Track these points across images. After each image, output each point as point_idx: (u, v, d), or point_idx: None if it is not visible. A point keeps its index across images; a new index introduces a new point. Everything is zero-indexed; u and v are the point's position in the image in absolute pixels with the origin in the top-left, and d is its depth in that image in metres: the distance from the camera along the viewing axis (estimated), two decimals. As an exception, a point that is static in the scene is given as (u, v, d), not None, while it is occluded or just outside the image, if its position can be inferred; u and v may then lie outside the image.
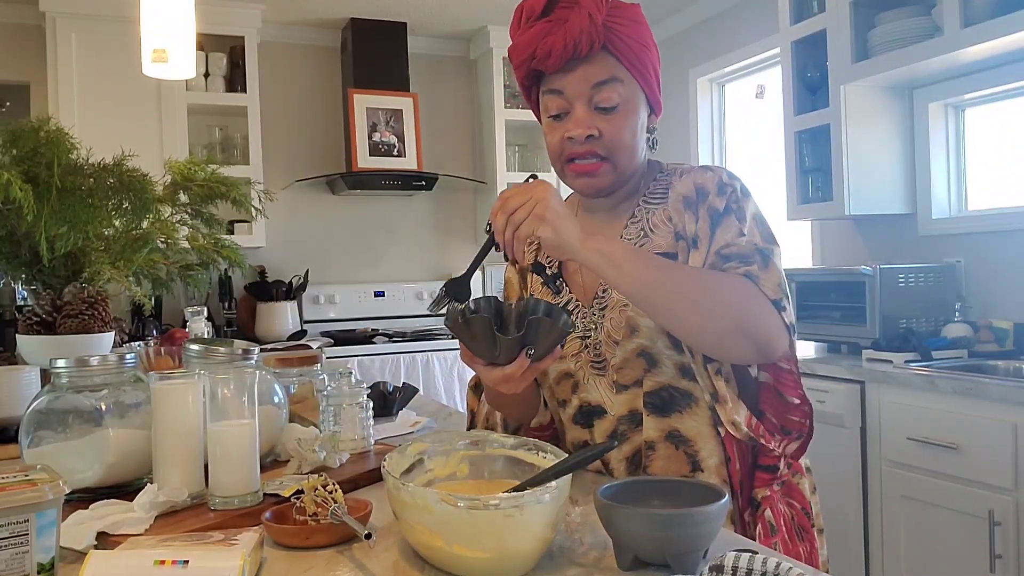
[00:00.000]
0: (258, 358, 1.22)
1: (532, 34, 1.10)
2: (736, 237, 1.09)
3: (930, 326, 2.73)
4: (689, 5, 4.08)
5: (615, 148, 1.12)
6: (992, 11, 2.39)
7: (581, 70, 1.10)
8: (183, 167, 1.86)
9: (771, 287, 1.05)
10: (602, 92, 1.10)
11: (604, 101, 1.10)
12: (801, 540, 1.15)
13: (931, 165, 2.98)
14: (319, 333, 4.10)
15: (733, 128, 4.12)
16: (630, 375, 1.13)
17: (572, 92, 1.11)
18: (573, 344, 1.18)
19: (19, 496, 0.74)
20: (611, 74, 1.10)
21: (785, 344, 1.05)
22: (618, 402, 1.15)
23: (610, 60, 1.10)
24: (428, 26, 4.31)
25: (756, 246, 1.08)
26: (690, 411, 1.11)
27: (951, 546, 2.23)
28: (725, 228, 1.10)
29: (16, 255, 1.64)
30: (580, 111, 1.11)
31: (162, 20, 1.97)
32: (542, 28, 1.09)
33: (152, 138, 3.64)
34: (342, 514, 0.88)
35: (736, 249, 1.08)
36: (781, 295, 1.05)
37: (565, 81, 1.11)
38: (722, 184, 1.13)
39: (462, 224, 4.62)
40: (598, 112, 1.11)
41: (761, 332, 1.02)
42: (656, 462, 1.12)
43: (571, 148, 1.12)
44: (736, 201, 1.12)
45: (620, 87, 1.11)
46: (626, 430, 1.14)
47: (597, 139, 1.11)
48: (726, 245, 1.09)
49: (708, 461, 1.11)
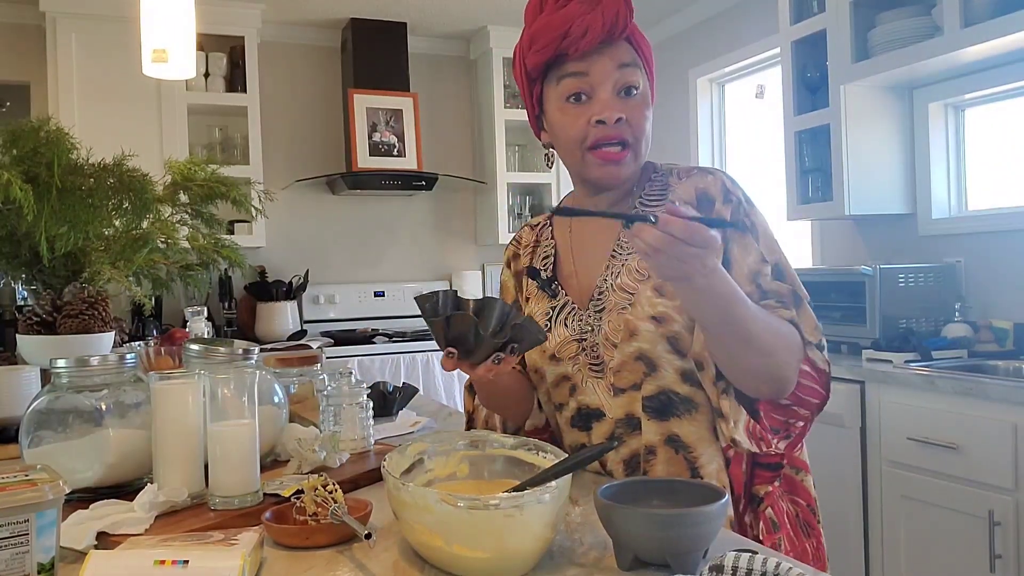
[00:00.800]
0: (258, 358, 1.22)
1: (566, 13, 1.09)
2: (758, 262, 1.10)
3: (930, 326, 2.73)
4: (689, 5, 4.08)
5: (639, 134, 1.11)
6: (992, 11, 2.39)
7: (608, 52, 1.10)
8: (183, 167, 1.86)
9: (810, 330, 1.07)
10: (627, 73, 1.10)
11: (630, 82, 1.10)
12: (807, 536, 1.15)
13: (931, 165, 2.98)
14: (319, 333, 4.10)
15: (733, 128, 4.12)
16: (628, 378, 1.12)
17: (598, 74, 1.10)
18: (570, 347, 1.17)
19: (19, 496, 0.74)
20: (633, 58, 1.12)
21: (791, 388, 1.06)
22: (616, 405, 1.13)
23: (631, 49, 1.12)
24: (428, 26, 4.31)
25: (793, 289, 1.09)
26: (690, 417, 1.10)
27: (951, 546, 2.23)
28: (745, 249, 1.10)
29: (16, 255, 1.64)
30: (605, 94, 1.09)
31: (162, 20, 1.97)
32: (577, 8, 1.09)
33: (152, 138, 3.64)
34: (342, 514, 0.88)
35: (774, 287, 1.09)
36: (820, 336, 1.08)
37: (590, 62, 1.09)
38: (726, 191, 1.13)
39: (462, 224, 4.62)
40: (620, 98, 1.10)
41: (787, 379, 1.05)
42: (656, 467, 1.11)
43: (599, 132, 1.10)
44: (746, 215, 1.12)
45: (640, 73, 1.12)
46: (623, 433, 1.13)
47: (624, 124, 1.10)
48: (758, 274, 1.09)
49: (708, 467, 1.10)
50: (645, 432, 1.11)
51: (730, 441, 1.08)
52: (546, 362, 1.20)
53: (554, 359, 1.19)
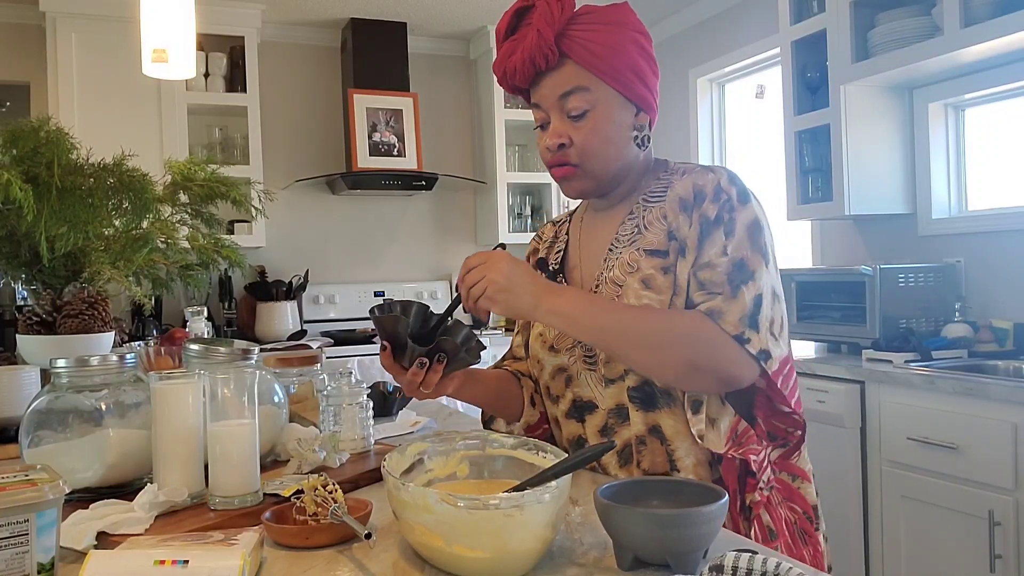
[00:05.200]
0: (258, 358, 1.22)
1: (501, 54, 1.18)
2: (719, 255, 1.09)
3: (930, 326, 2.73)
4: (689, 5, 4.08)
5: (585, 155, 1.15)
6: (992, 11, 2.39)
7: (549, 82, 1.15)
8: (183, 167, 1.86)
9: (732, 322, 1.06)
10: (569, 101, 1.14)
11: (572, 110, 1.14)
12: (805, 544, 1.16)
13: (931, 165, 2.98)
14: (319, 333, 4.10)
15: (733, 128, 4.12)
16: (616, 368, 1.15)
17: (546, 104, 1.17)
18: (567, 338, 1.20)
19: (19, 496, 0.74)
20: (576, 83, 1.13)
21: (753, 373, 1.08)
22: (607, 395, 1.16)
23: (576, 69, 1.13)
24: (428, 26, 4.31)
25: (727, 275, 1.08)
26: (669, 410, 1.12)
27: (951, 546, 2.23)
28: (711, 242, 1.11)
29: (16, 255, 1.64)
30: (555, 121, 1.17)
31: (162, 20, 1.97)
32: (508, 47, 1.17)
33: (152, 138, 3.64)
34: (342, 514, 0.88)
35: (709, 275, 1.09)
36: (743, 328, 1.06)
37: (539, 94, 1.17)
38: (719, 189, 1.13)
39: (462, 224, 4.62)
40: (570, 120, 1.15)
41: (718, 366, 1.06)
42: (646, 457, 1.13)
43: (548, 157, 1.19)
44: (730, 210, 1.11)
45: (587, 94, 1.13)
46: (614, 424, 1.16)
47: (568, 147, 1.16)
48: (705, 266, 1.10)
49: (684, 461, 1.12)
50: (633, 422, 1.13)
51: (698, 436, 1.10)
52: (546, 352, 1.24)
53: (552, 350, 1.23)
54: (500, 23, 1.19)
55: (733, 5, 3.87)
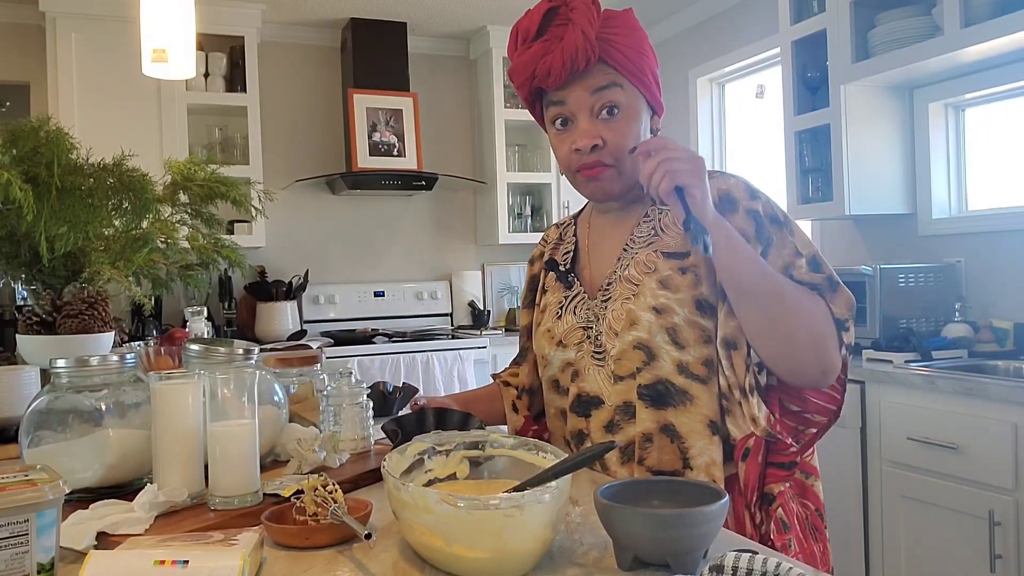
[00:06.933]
0: (258, 358, 1.22)
1: (530, 55, 1.15)
2: (794, 255, 1.13)
3: (930, 326, 2.73)
4: (689, 5, 4.08)
5: (621, 154, 1.15)
6: (992, 11, 2.39)
7: (581, 82, 1.14)
8: (183, 167, 1.86)
9: (841, 309, 1.10)
10: (603, 96, 1.14)
11: (608, 103, 1.14)
12: (815, 540, 1.16)
13: (931, 165, 2.98)
14: (319, 333, 4.10)
15: (733, 128, 4.12)
16: (627, 366, 1.15)
17: (574, 103, 1.16)
18: (576, 333, 1.22)
19: (19, 496, 0.74)
20: (610, 80, 1.14)
21: (836, 372, 1.11)
22: (614, 392, 1.16)
23: (608, 69, 1.14)
24: (428, 26, 4.31)
25: (827, 277, 1.12)
26: (684, 408, 1.12)
27: (951, 546, 2.23)
28: (781, 243, 1.13)
29: (16, 255, 1.64)
30: (584, 122, 1.15)
31: (162, 20, 1.97)
32: (540, 48, 1.14)
33: (152, 138, 3.64)
34: (342, 514, 0.88)
35: (808, 277, 1.12)
36: (847, 313, 1.11)
37: (567, 91, 1.16)
38: (752, 190, 1.16)
39: (462, 224, 4.62)
40: (601, 121, 1.15)
41: (827, 351, 1.09)
42: (652, 454, 1.13)
43: (579, 160, 1.16)
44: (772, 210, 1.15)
45: (620, 92, 1.15)
46: (620, 420, 1.16)
47: (602, 148, 1.15)
48: (791, 266, 1.12)
49: (698, 459, 1.11)
50: (640, 419, 1.13)
51: (751, 420, 1.10)
52: (553, 348, 1.25)
53: (561, 345, 1.24)
54: (524, 24, 1.17)
55: (733, 5, 3.87)
